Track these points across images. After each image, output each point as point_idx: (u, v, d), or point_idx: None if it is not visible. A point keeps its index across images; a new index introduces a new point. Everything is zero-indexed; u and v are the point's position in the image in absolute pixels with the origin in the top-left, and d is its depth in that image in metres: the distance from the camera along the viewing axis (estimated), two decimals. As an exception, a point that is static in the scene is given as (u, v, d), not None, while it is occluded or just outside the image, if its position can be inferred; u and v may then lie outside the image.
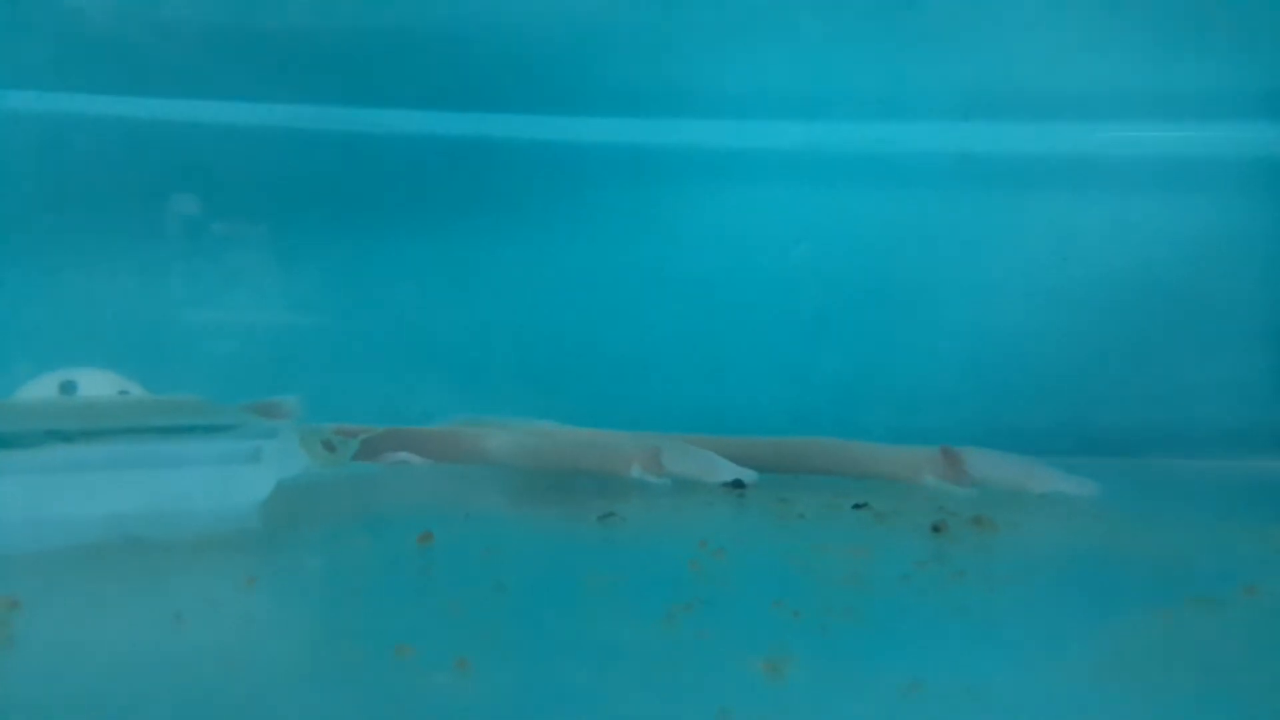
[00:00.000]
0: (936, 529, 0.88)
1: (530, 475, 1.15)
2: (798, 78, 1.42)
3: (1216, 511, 1.06)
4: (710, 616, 0.61)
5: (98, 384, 1.07)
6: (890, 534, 0.87)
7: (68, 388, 1.02)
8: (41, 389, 1.02)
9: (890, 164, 1.45)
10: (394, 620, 0.60)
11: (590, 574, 0.72)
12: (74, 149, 1.30)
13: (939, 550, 0.80)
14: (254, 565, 0.71)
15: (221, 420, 0.76)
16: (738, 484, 1.10)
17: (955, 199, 1.46)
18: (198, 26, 1.27)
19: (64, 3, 1.23)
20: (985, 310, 1.45)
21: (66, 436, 0.70)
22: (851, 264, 1.45)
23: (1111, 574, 0.76)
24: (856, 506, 0.98)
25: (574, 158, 1.40)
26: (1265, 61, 1.37)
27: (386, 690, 0.50)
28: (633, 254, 1.43)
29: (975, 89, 1.42)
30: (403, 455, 1.19)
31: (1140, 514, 0.96)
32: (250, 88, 1.31)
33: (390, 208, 1.37)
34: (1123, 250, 1.42)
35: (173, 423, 0.74)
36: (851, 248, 1.46)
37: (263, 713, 0.47)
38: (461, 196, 1.38)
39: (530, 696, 0.49)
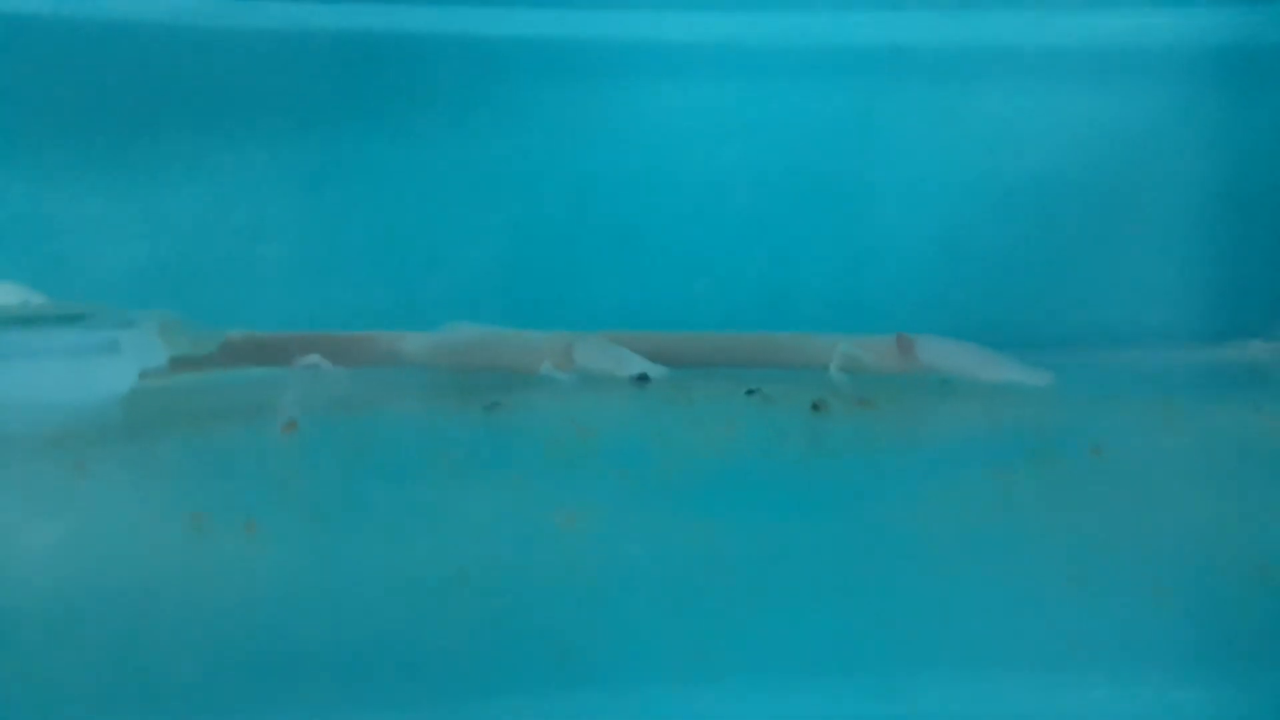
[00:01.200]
0: (816, 408, 0.87)
1: (441, 375, 1.14)
2: (722, -31, 1.39)
3: (1111, 389, 1.04)
4: (533, 478, 0.61)
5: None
6: (769, 414, 0.86)
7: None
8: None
9: (819, 57, 1.42)
10: (217, 494, 0.60)
11: (451, 450, 0.71)
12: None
13: (809, 427, 0.80)
14: (94, 453, 0.70)
15: (74, 311, 0.75)
16: (643, 378, 1.09)
17: (886, 92, 1.43)
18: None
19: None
20: (919, 206, 1.43)
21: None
22: (782, 160, 1.43)
23: (962, 442, 0.75)
24: (749, 392, 0.97)
25: (487, 52, 1.37)
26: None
27: (181, 554, 0.49)
28: (555, 153, 1.40)
29: (905, -23, 1.39)
30: (313, 359, 1.18)
31: (1033, 395, 0.95)
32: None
33: (292, 110, 1.34)
34: (1057, 142, 1.39)
35: (24, 315, 0.73)
36: (782, 143, 1.43)
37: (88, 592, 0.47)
38: (367, 96, 1.35)
39: (317, 559, 0.49)
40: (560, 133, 1.41)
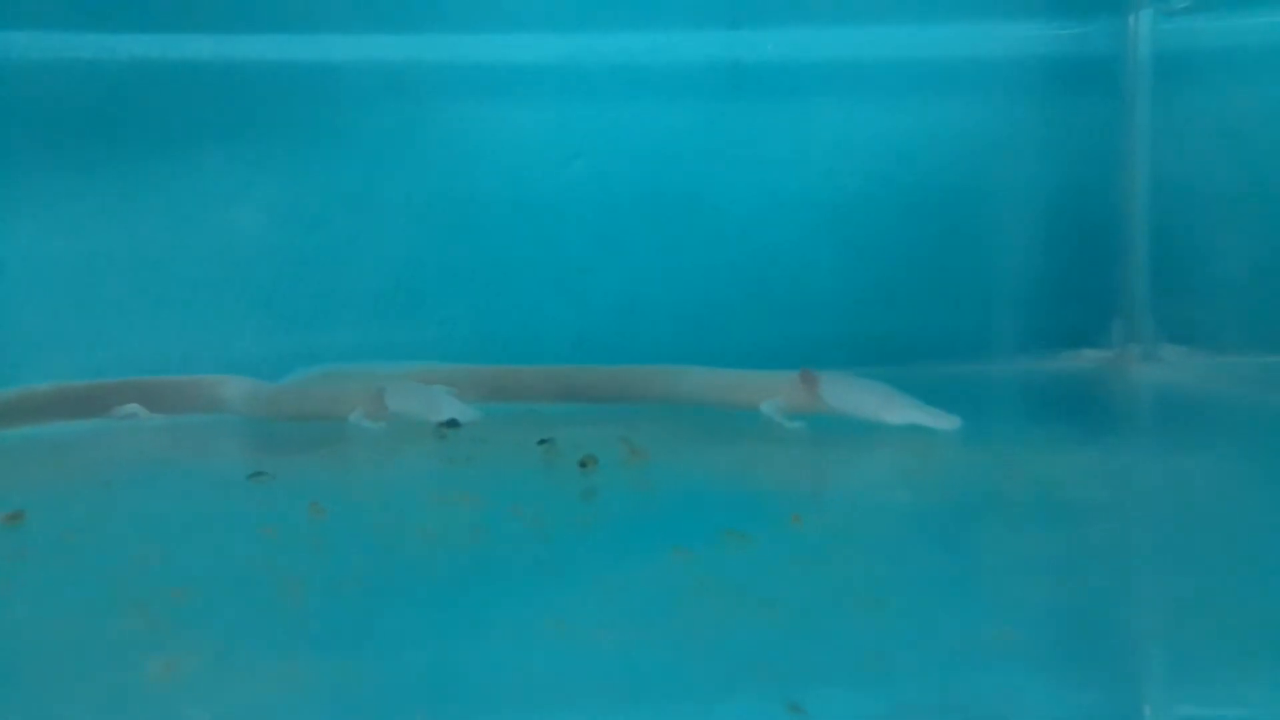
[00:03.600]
0: (583, 465, 0.87)
1: (255, 426, 1.13)
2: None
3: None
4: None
5: None
6: (541, 473, 0.86)
7: None
8: None
9: (660, 75, 1.41)
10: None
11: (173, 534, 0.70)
12: None
13: (564, 490, 0.79)
14: None
15: None
16: (452, 424, 1.08)
17: (728, 109, 1.42)
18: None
19: None
20: (763, 223, 1.42)
21: None
22: (627, 180, 1.42)
23: (673, 512, 0.75)
24: (541, 443, 0.96)
25: (323, 79, 1.35)
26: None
27: None
28: (395, 179, 1.38)
29: (741, -5, 1.38)
30: (131, 408, 1.17)
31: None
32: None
33: (108, 139, 1.32)
34: (893, 155, 1.39)
35: None
36: (626, 164, 1.42)
37: None
38: (202, 124, 1.33)
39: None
40: (398, 157, 1.39)
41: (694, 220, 1.43)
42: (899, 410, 0.92)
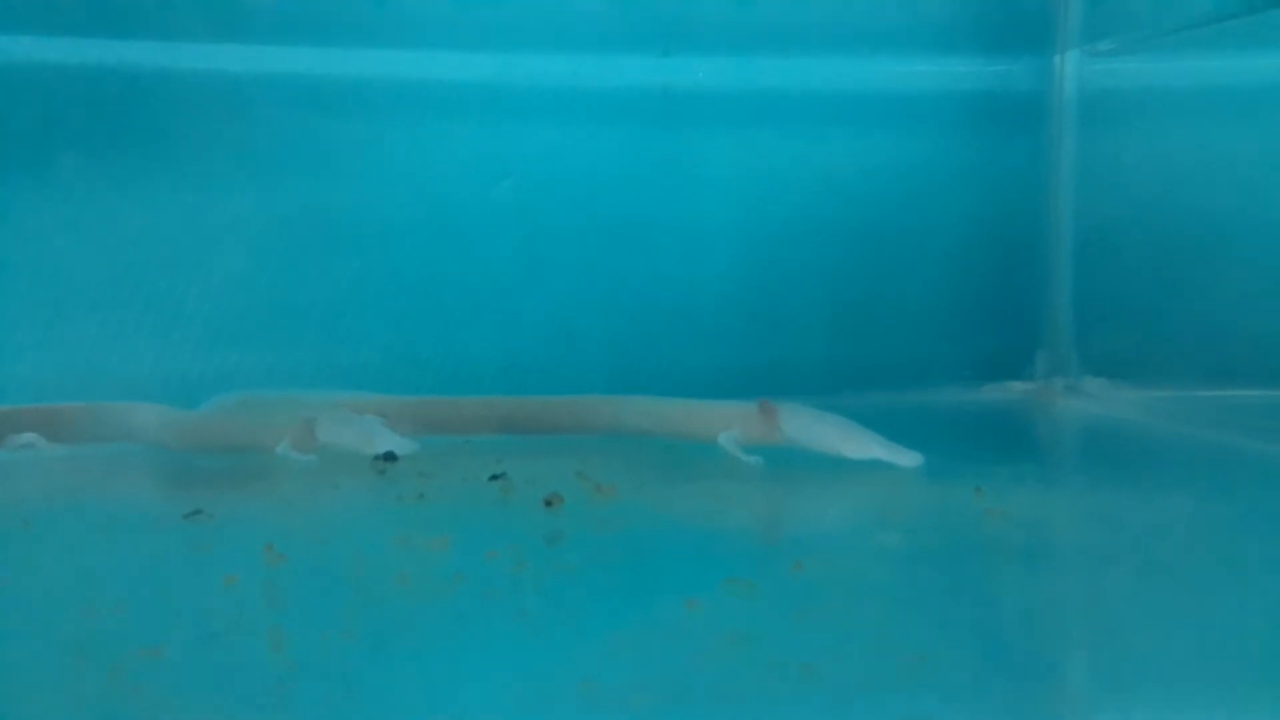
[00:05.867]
0: (548, 503, 0.83)
1: (171, 457, 1.06)
2: (486, 6, 1.34)
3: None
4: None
5: None
6: (499, 510, 0.82)
7: None
8: None
9: (591, 99, 1.38)
10: None
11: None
12: None
13: (526, 533, 0.75)
14: None
15: None
16: (389, 456, 1.03)
17: (659, 135, 1.40)
18: None
19: None
20: (694, 249, 1.40)
21: None
22: (555, 204, 1.38)
23: (665, 559, 0.72)
24: (493, 478, 0.92)
25: (238, 90, 1.28)
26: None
27: None
28: (313, 197, 1.32)
29: (674, 23, 1.36)
30: (28, 438, 1.08)
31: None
32: None
33: (20, 148, 1.23)
34: (826, 186, 1.39)
35: None
36: (554, 187, 1.39)
37: None
38: (106, 135, 1.25)
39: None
40: (315, 174, 1.32)
41: (623, 245, 1.40)
42: (861, 445, 0.90)
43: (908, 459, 0.89)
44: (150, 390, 1.20)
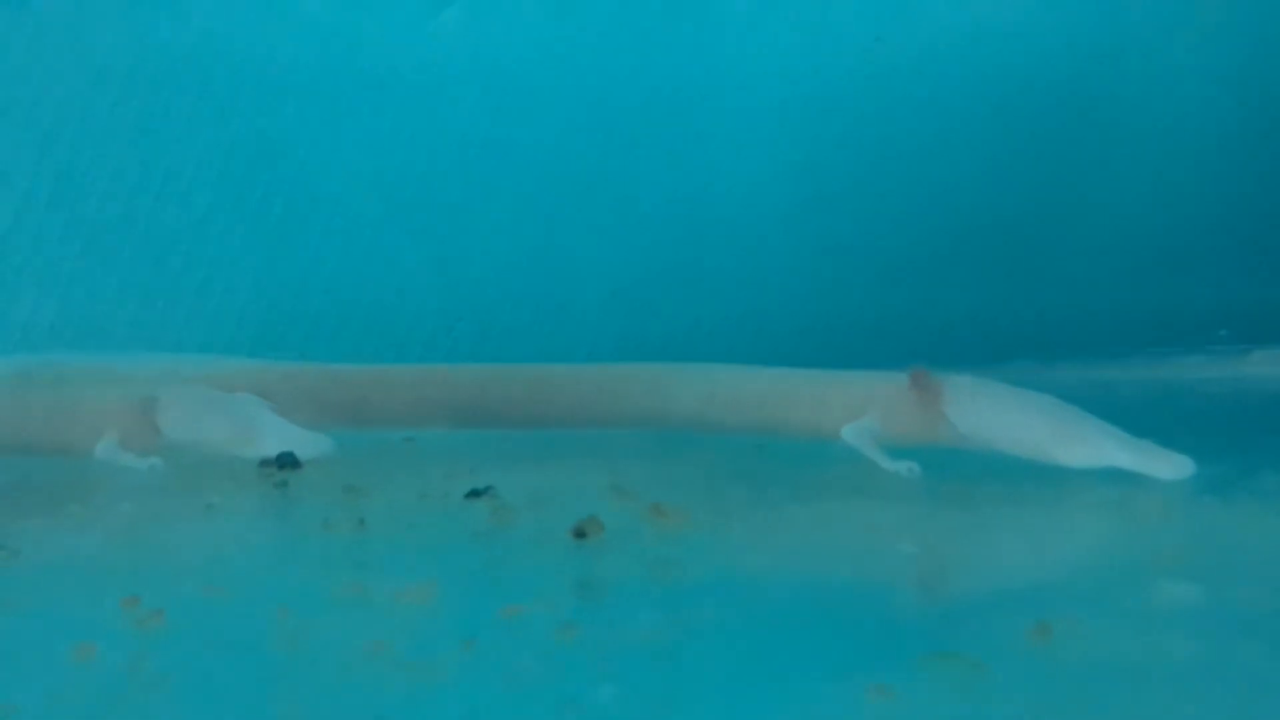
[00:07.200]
0: (581, 534, 0.48)
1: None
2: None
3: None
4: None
5: None
6: (490, 545, 0.49)
7: None
8: None
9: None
10: None
11: None
12: None
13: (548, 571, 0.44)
14: None
15: None
16: (288, 462, 0.65)
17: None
18: None
19: None
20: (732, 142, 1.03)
21: None
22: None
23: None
24: (473, 494, 0.57)
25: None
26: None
27: None
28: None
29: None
30: None
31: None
32: None
33: None
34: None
35: None
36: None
37: None
38: None
39: None
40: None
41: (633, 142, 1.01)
42: (1091, 445, 0.55)
43: (1169, 466, 0.55)
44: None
